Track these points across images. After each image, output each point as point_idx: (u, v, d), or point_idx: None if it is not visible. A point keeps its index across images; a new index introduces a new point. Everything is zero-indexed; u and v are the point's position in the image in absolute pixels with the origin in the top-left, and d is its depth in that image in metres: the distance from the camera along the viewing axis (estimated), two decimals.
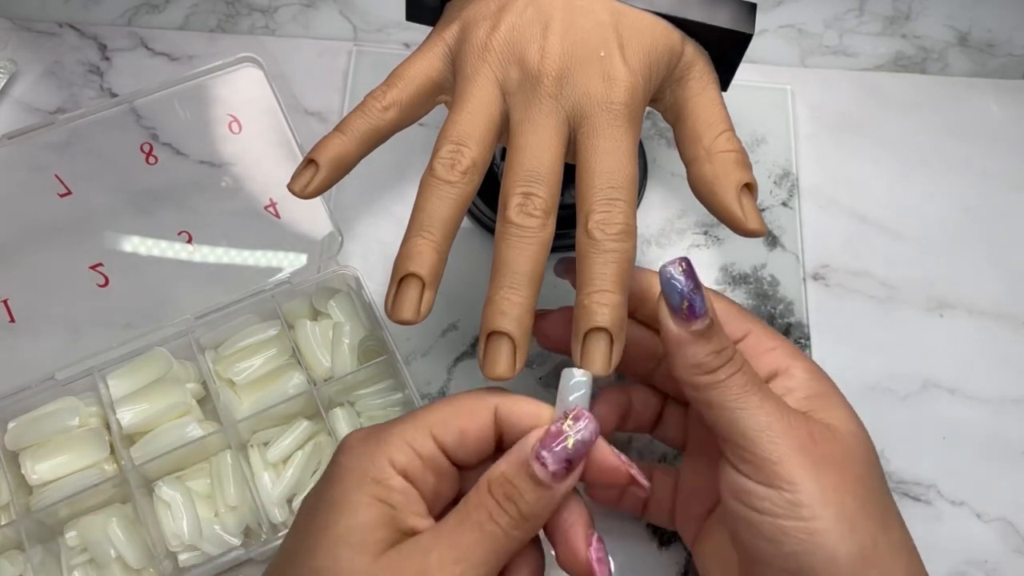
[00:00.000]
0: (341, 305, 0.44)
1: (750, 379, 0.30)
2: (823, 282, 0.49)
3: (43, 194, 0.44)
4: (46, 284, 0.44)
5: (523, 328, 0.31)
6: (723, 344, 0.30)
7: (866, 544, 0.29)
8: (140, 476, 0.40)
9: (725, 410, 0.30)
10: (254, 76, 0.46)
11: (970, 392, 0.47)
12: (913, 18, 0.56)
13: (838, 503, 0.29)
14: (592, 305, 0.30)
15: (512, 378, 0.31)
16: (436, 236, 0.32)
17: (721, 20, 0.35)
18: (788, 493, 0.29)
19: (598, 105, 0.32)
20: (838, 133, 0.52)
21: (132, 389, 0.42)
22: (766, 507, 0.29)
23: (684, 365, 0.30)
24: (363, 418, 0.43)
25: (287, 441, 0.41)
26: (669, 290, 0.30)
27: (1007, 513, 0.44)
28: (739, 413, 0.30)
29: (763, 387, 0.31)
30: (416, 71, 0.35)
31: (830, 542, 0.29)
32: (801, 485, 0.29)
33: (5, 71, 0.50)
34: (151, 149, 0.46)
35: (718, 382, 0.30)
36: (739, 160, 0.34)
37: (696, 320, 0.30)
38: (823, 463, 0.30)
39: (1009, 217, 0.51)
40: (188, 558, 0.39)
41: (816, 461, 0.29)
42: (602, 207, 0.31)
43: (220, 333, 0.43)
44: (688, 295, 0.29)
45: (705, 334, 0.30)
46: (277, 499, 0.40)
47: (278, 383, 0.42)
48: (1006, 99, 0.54)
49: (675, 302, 0.30)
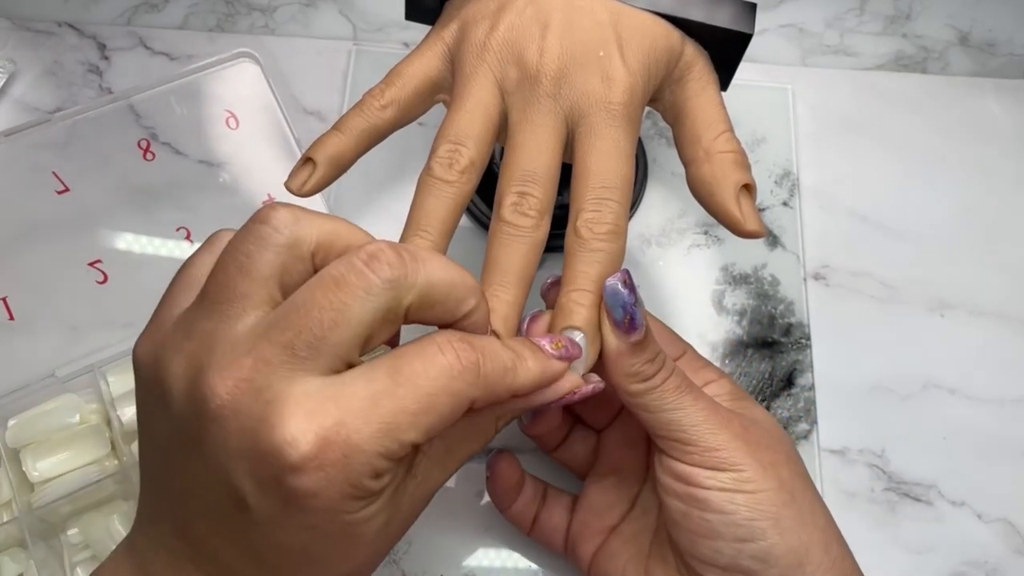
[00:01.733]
0: None
1: (682, 381, 0.32)
2: (824, 282, 0.49)
3: (41, 191, 0.44)
4: (45, 281, 0.44)
5: (510, 327, 0.31)
6: (655, 351, 0.31)
7: (804, 510, 0.31)
8: None
9: (663, 412, 0.31)
10: (251, 72, 0.46)
11: (971, 392, 0.47)
12: (914, 18, 0.56)
13: (776, 476, 0.31)
14: (570, 304, 0.31)
15: None
16: (434, 235, 0.32)
17: (721, 20, 0.35)
18: (733, 472, 0.31)
19: (596, 105, 0.32)
20: (839, 133, 0.52)
21: (132, 386, 0.41)
22: (714, 483, 0.31)
23: (621, 374, 0.31)
24: None
25: None
26: (613, 304, 0.30)
27: (1008, 513, 0.44)
28: (677, 413, 0.31)
29: (694, 387, 0.32)
30: (415, 70, 0.35)
31: (775, 507, 0.31)
32: (744, 464, 0.31)
33: (4, 70, 0.50)
34: (148, 145, 0.46)
35: (655, 388, 0.31)
36: (738, 161, 0.34)
37: (634, 332, 0.30)
38: (756, 445, 0.32)
39: (1010, 217, 0.51)
40: None
41: (750, 443, 0.32)
42: (593, 206, 0.31)
43: None
44: (630, 308, 0.30)
45: (642, 344, 0.31)
46: None
47: None
48: (1007, 99, 0.54)
49: (618, 316, 0.30)
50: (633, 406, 0.32)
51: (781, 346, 0.47)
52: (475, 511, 0.42)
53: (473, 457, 0.30)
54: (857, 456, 0.45)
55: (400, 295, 0.25)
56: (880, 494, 0.44)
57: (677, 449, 0.32)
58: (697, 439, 0.31)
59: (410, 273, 0.25)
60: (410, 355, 0.25)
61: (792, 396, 0.46)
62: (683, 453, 0.31)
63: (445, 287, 0.26)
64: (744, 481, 0.31)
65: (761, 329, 0.47)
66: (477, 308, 0.27)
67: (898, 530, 0.44)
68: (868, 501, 0.44)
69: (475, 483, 0.43)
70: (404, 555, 0.41)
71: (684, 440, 0.31)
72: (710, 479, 0.31)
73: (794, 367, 0.46)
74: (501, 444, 0.43)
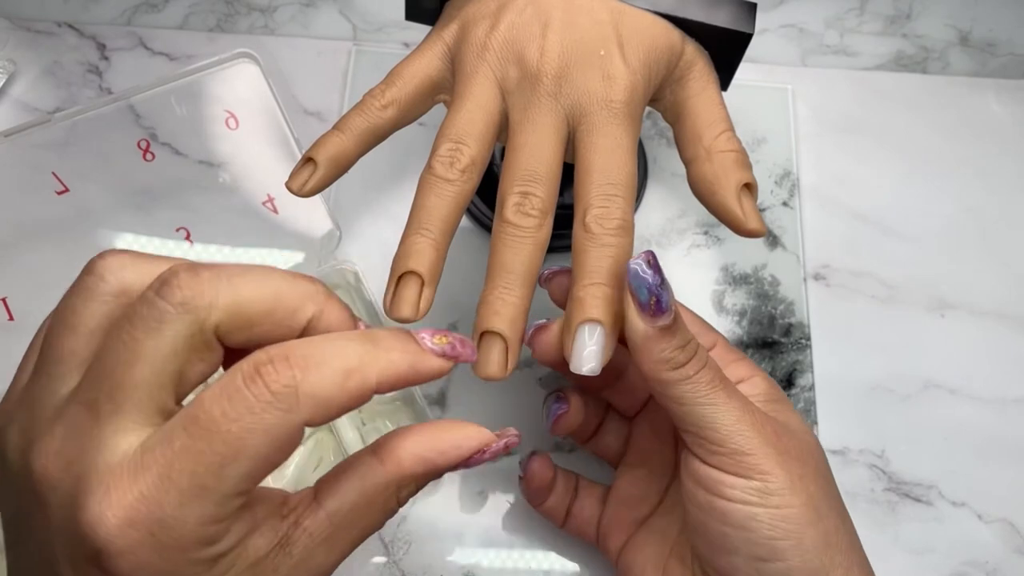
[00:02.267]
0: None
1: (716, 375, 0.30)
2: (824, 282, 0.49)
3: (41, 192, 0.44)
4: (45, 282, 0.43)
5: (516, 328, 0.31)
6: (687, 338, 0.30)
7: (830, 530, 0.30)
8: None
9: (696, 405, 0.30)
10: (251, 72, 0.46)
11: (971, 392, 0.47)
12: (914, 17, 0.56)
13: (805, 491, 0.30)
14: (586, 298, 0.30)
15: (504, 378, 0.31)
16: (435, 234, 0.32)
17: (721, 20, 0.35)
18: (759, 481, 0.29)
19: (597, 104, 0.32)
20: (839, 133, 0.52)
21: None
22: (737, 495, 0.30)
23: (651, 361, 0.30)
24: (364, 414, 0.42)
25: None
26: (638, 285, 0.29)
27: (1008, 514, 0.44)
28: (709, 408, 0.30)
29: (728, 384, 0.31)
30: (415, 70, 0.35)
31: (799, 527, 0.29)
32: (772, 474, 0.29)
33: (4, 71, 0.50)
34: (148, 146, 0.46)
35: (687, 378, 0.30)
36: (739, 160, 0.34)
37: (662, 315, 0.29)
38: (788, 455, 0.30)
39: (1010, 217, 0.51)
40: None
41: (782, 452, 0.30)
42: (600, 202, 0.31)
43: None
44: (656, 290, 0.29)
45: (671, 329, 0.29)
46: None
47: None
48: (1007, 99, 0.54)
49: (643, 297, 0.29)
50: (663, 397, 0.31)
51: (781, 346, 0.47)
52: (475, 511, 0.42)
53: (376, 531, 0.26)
54: (857, 456, 0.45)
55: (200, 317, 0.22)
56: (880, 494, 0.44)
57: (704, 448, 0.30)
58: (726, 439, 0.30)
59: (207, 291, 0.22)
60: (209, 398, 0.22)
61: (792, 396, 0.46)
62: (709, 453, 0.30)
63: (264, 301, 0.23)
64: (769, 494, 0.29)
65: (761, 329, 0.47)
66: (322, 314, 0.25)
67: (898, 530, 0.44)
68: (868, 501, 0.44)
69: (475, 483, 0.43)
70: (404, 555, 0.41)
71: (712, 439, 0.30)
72: (733, 488, 0.30)
73: (794, 367, 0.46)
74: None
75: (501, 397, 0.44)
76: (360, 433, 0.42)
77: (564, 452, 0.44)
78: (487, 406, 0.44)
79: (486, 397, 0.44)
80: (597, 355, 0.30)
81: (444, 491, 0.43)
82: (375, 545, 0.41)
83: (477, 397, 0.44)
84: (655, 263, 0.29)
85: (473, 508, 0.42)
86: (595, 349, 0.30)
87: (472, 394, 0.44)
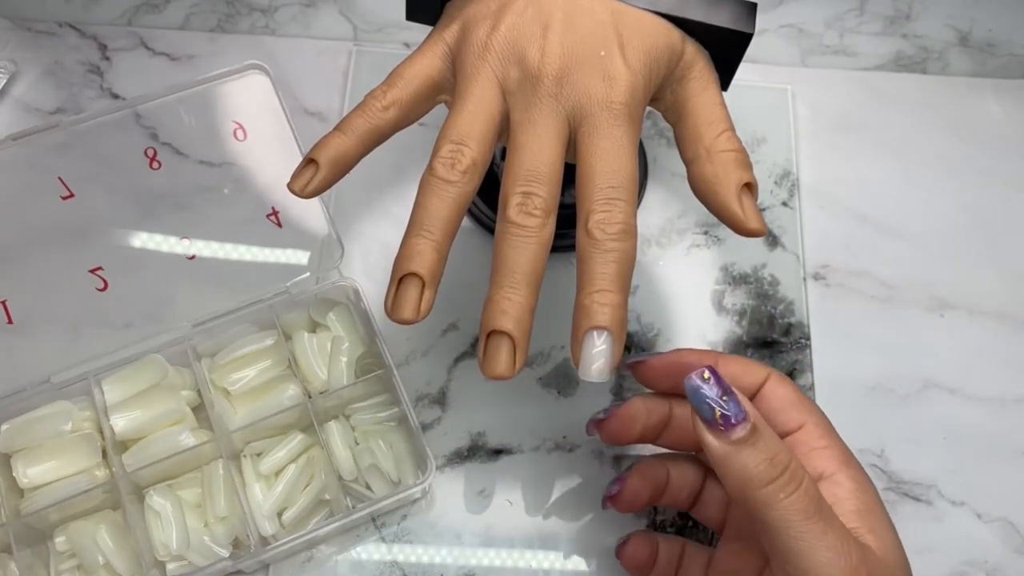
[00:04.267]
0: (340, 318, 0.44)
1: (812, 501, 0.28)
2: (823, 282, 0.49)
3: (45, 196, 0.44)
4: (45, 286, 0.44)
5: (523, 327, 0.31)
6: (774, 450, 0.28)
7: None
8: (131, 483, 0.40)
9: (785, 536, 0.28)
10: (260, 83, 0.46)
11: (971, 392, 0.47)
12: (914, 18, 0.56)
13: None
14: (592, 305, 0.30)
15: (512, 377, 0.31)
16: (436, 235, 0.32)
17: (721, 20, 0.35)
18: None
19: (598, 104, 0.32)
20: (838, 133, 0.52)
21: (126, 395, 0.41)
22: None
23: (735, 479, 0.28)
24: (357, 432, 0.42)
25: (280, 453, 0.41)
26: (698, 402, 0.28)
27: (1008, 513, 0.44)
28: (799, 543, 0.27)
29: (824, 511, 0.28)
30: (416, 70, 0.35)
31: None
32: None
33: (5, 71, 0.50)
34: (155, 153, 0.46)
35: (777, 502, 0.27)
36: (739, 160, 0.34)
37: (735, 428, 0.27)
38: None
39: (1010, 217, 0.51)
40: (175, 568, 0.39)
41: None
42: (602, 207, 0.31)
43: (217, 342, 0.43)
44: (719, 403, 0.27)
45: (749, 440, 0.27)
46: (267, 512, 0.40)
47: (273, 394, 0.42)
48: (1007, 99, 0.54)
49: (707, 414, 0.28)
50: (752, 512, 0.28)
51: (781, 346, 0.47)
52: (475, 511, 0.42)
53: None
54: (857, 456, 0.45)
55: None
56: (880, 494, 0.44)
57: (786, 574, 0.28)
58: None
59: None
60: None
61: None
62: None
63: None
64: None
65: (761, 329, 0.47)
66: None
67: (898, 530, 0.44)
68: None
69: (477, 483, 0.43)
70: (404, 555, 0.41)
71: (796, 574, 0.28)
72: None
73: (794, 367, 0.46)
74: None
75: (501, 397, 0.44)
76: (352, 452, 0.41)
77: (564, 452, 0.44)
78: (487, 406, 0.44)
79: (486, 397, 0.44)
80: (605, 362, 0.30)
81: (444, 491, 0.43)
82: (376, 544, 0.41)
83: (477, 397, 0.44)
84: (714, 376, 0.28)
85: (473, 508, 0.42)
86: (603, 356, 0.30)
87: (472, 394, 0.45)
